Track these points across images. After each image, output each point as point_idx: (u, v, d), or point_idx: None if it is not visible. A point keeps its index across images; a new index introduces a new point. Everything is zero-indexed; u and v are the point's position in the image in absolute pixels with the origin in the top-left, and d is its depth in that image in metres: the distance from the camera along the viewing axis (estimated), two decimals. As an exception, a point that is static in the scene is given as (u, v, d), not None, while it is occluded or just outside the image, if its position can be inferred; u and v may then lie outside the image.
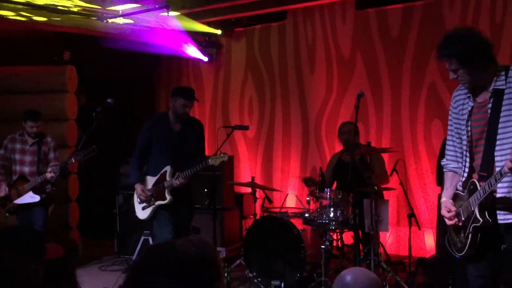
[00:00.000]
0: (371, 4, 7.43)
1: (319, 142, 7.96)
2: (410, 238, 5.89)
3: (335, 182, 6.62)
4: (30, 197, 6.15)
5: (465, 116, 3.32)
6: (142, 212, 5.53)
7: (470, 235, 3.24)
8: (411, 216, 5.95)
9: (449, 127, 3.49)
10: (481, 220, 3.16)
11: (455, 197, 3.42)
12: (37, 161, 6.25)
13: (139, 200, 5.53)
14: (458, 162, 3.44)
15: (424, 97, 7.10)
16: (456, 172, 3.47)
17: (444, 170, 3.56)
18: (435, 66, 6.97)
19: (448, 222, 3.40)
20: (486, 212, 3.16)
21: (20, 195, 6.16)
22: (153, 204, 5.42)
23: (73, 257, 2.86)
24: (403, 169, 6.42)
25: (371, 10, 7.46)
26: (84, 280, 2.64)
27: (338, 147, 7.00)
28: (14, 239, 2.51)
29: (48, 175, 6.01)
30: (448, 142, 3.49)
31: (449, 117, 3.48)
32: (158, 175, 5.43)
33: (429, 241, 6.87)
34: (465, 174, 3.36)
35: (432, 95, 7.03)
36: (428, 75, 7.05)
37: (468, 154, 3.34)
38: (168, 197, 5.36)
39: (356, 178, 5.61)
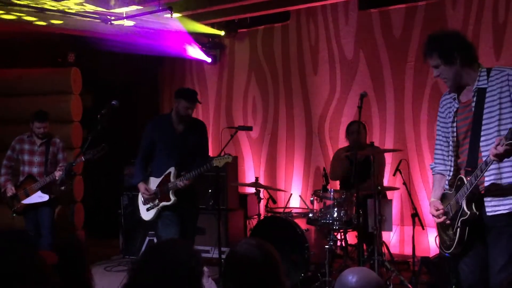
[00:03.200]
0: (374, 5, 7.45)
1: (323, 142, 7.98)
2: (413, 237, 5.90)
3: (339, 182, 6.65)
4: (39, 197, 6.18)
5: (451, 118, 3.46)
6: (146, 213, 5.57)
7: (458, 230, 3.32)
8: (415, 215, 5.97)
9: (437, 132, 3.61)
10: (468, 212, 3.25)
11: (443, 197, 3.52)
12: (45, 162, 6.29)
13: (143, 201, 5.56)
14: (445, 165, 3.55)
15: (427, 97, 7.12)
16: (443, 175, 3.57)
17: (433, 173, 3.67)
18: (438, 66, 6.99)
19: (437, 220, 3.50)
20: (473, 205, 3.26)
21: (27, 195, 6.19)
22: (158, 205, 5.46)
23: (84, 258, 2.89)
24: (407, 169, 6.43)
25: (374, 11, 7.48)
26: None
27: (341, 147, 7.01)
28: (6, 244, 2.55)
29: (57, 174, 6.05)
30: (436, 146, 3.62)
31: (437, 122, 3.61)
32: (162, 176, 5.45)
33: (433, 241, 6.86)
34: (451, 174, 3.47)
35: (435, 95, 7.03)
36: (431, 75, 6.98)
37: (453, 154, 3.45)
38: (172, 198, 5.39)
39: (360, 176, 5.63)
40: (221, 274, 2.37)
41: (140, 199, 5.60)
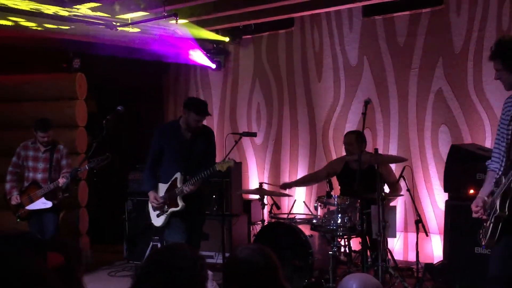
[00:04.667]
0: (378, 11, 7.45)
1: (327, 149, 7.99)
2: (417, 244, 5.90)
3: (340, 189, 6.65)
4: (42, 203, 6.21)
5: (507, 121, 3.68)
6: (157, 219, 5.59)
7: (491, 225, 3.58)
8: (419, 222, 5.95)
9: (497, 131, 3.81)
10: (498, 210, 3.51)
11: (492, 194, 3.72)
12: (50, 168, 6.32)
13: (153, 207, 5.58)
14: (499, 163, 3.75)
15: (431, 104, 7.13)
16: (495, 172, 3.78)
17: (487, 170, 3.89)
18: (442, 73, 7.01)
19: (473, 215, 3.78)
20: (507, 204, 3.49)
21: (32, 201, 6.23)
22: (167, 211, 5.48)
23: (77, 260, 2.91)
24: (410, 175, 6.43)
25: (378, 17, 7.50)
26: (93, 285, 2.69)
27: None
28: (16, 248, 2.56)
29: (61, 181, 6.08)
30: (495, 145, 3.84)
31: (498, 122, 3.82)
32: (169, 182, 5.48)
33: (436, 247, 6.87)
34: (500, 173, 3.68)
35: (439, 101, 7.06)
36: (435, 82, 7.08)
37: (505, 155, 3.65)
38: (180, 203, 5.42)
39: (364, 186, 5.63)
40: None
41: (150, 205, 5.62)
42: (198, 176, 5.34)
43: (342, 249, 6.07)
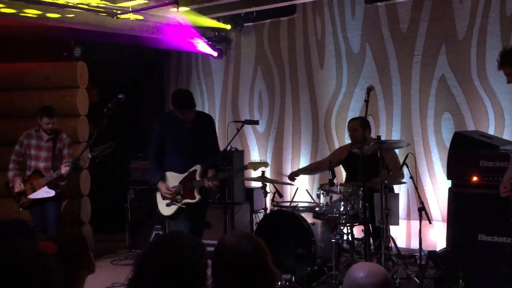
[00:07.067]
0: (380, -2, 7.42)
1: (329, 136, 7.96)
2: (420, 231, 5.88)
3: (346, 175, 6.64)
4: (45, 192, 6.21)
5: None
6: (166, 209, 5.53)
7: None
8: (422, 209, 5.93)
9: None
10: None
11: None
12: (52, 157, 6.31)
13: (162, 196, 5.55)
14: None
15: (434, 91, 7.09)
16: None
17: (510, 157, 4.49)
18: (445, 59, 6.97)
19: (502, 195, 4.45)
20: None
21: (34, 190, 6.22)
22: (180, 201, 5.44)
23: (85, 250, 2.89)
24: (413, 163, 6.40)
25: (381, 4, 7.44)
26: (96, 274, 2.67)
27: (348, 141, 7.01)
28: (5, 234, 2.54)
29: (63, 169, 6.07)
30: None
31: None
32: (187, 173, 5.44)
33: (439, 235, 6.86)
34: None
35: (442, 88, 7.02)
36: (438, 69, 7.04)
37: None
38: (197, 196, 5.40)
39: (369, 172, 5.61)
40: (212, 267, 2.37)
41: (159, 194, 5.59)
42: (224, 173, 5.35)
43: (345, 237, 6.06)
